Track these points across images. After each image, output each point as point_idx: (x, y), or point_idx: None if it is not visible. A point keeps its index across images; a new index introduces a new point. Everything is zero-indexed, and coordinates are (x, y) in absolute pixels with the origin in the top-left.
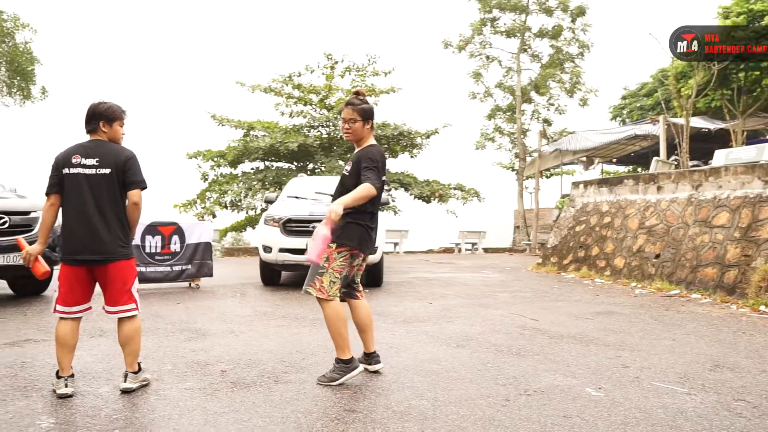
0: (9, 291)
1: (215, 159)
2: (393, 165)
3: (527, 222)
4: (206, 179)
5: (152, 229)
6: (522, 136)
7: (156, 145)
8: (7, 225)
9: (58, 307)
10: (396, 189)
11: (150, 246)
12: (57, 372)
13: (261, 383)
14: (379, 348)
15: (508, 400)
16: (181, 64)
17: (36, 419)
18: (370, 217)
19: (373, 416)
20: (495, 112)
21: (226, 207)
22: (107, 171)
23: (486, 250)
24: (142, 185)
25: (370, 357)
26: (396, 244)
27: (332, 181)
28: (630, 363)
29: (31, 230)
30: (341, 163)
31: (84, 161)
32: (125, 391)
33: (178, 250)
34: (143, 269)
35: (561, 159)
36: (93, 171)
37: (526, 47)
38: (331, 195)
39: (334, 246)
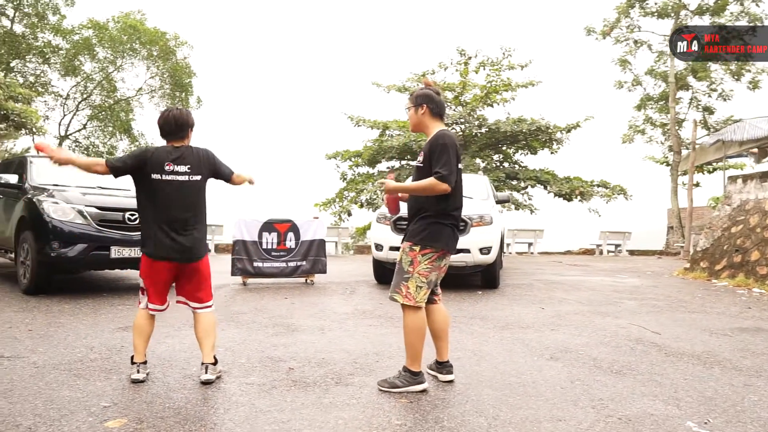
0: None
1: (353, 159)
2: (530, 162)
3: (682, 222)
4: (345, 179)
5: (268, 226)
6: (676, 127)
7: (298, 147)
8: (138, 220)
9: (150, 305)
10: (533, 187)
11: (266, 242)
12: (131, 357)
13: (321, 384)
14: (461, 354)
15: (581, 426)
16: (320, 69)
17: (102, 400)
18: (453, 217)
19: (416, 431)
20: (645, 102)
21: (362, 206)
22: (198, 177)
23: (632, 252)
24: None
25: (442, 366)
26: (530, 245)
27: None
28: (762, 395)
29: None
30: (478, 161)
31: (176, 168)
32: (206, 383)
33: (293, 246)
34: (260, 264)
35: (724, 151)
36: (186, 178)
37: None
38: None
39: (417, 249)
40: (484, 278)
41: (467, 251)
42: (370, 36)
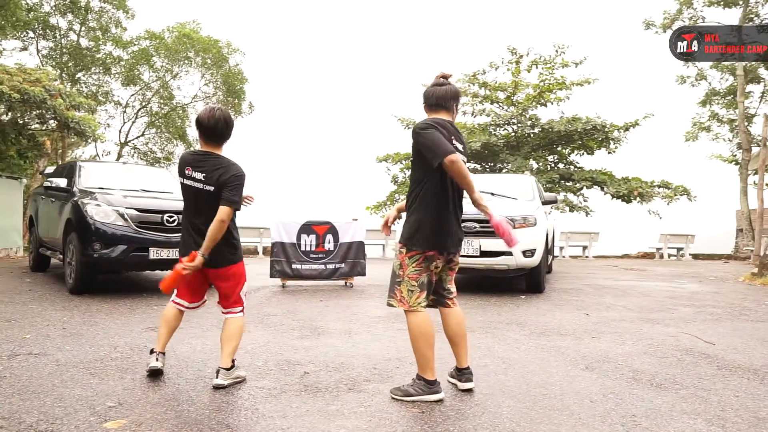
0: None
1: (403, 161)
2: (586, 162)
3: (752, 224)
4: (395, 181)
5: (307, 228)
6: (746, 123)
7: (349, 151)
8: (176, 223)
9: (176, 299)
10: (588, 188)
11: (305, 244)
12: (151, 349)
13: (333, 389)
14: (488, 361)
15: None
16: (370, 71)
17: (109, 399)
18: (445, 212)
19: None
20: (710, 97)
21: None
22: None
23: (696, 256)
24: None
25: (461, 373)
26: (584, 248)
27: (488, 179)
28: None
29: None
30: (531, 163)
31: (194, 174)
32: (216, 387)
33: (331, 248)
34: (298, 267)
35: None
36: (201, 186)
37: (752, 16)
38: (491, 193)
39: (404, 251)
40: (528, 282)
41: (509, 254)
42: (421, 37)
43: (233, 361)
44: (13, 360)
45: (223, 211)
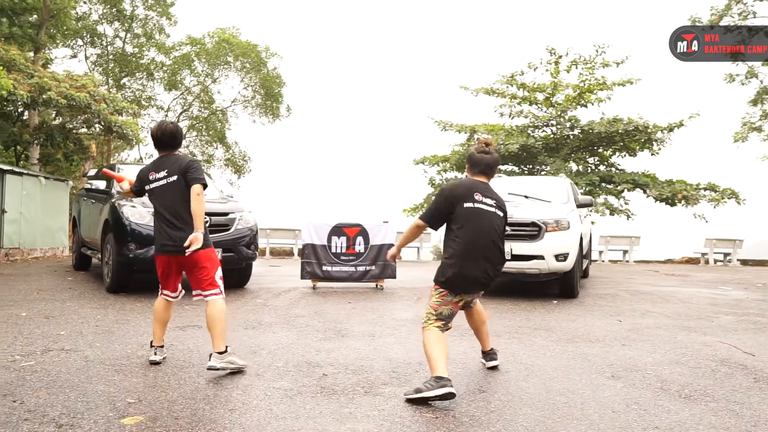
0: None
1: (440, 164)
2: (628, 164)
3: None
4: (432, 184)
5: (338, 230)
6: None
7: (386, 153)
8: (208, 224)
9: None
10: (630, 190)
11: (335, 246)
12: (151, 342)
13: (349, 392)
14: (511, 368)
15: None
16: (407, 74)
17: (129, 396)
18: (454, 258)
19: None
20: (762, 96)
21: None
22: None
23: (744, 262)
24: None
25: (486, 354)
26: (625, 252)
27: (523, 182)
28: None
29: (228, 230)
30: (571, 165)
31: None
32: (210, 369)
33: (362, 251)
34: (329, 268)
35: None
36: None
37: None
38: (524, 196)
39: (433, 284)
40: (560, 287)
41: (541, 258)
42: (458, 39)
43: (227, 346)
44: (46, 355)
45: (195, 188)
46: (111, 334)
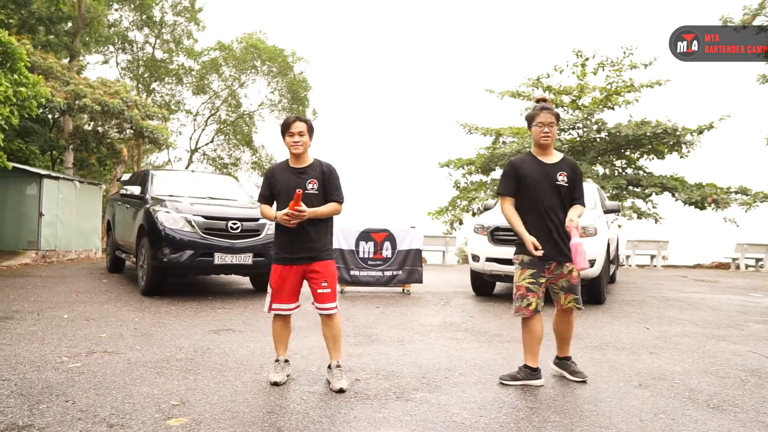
0: (249, 285)
1: (466, 167)
2: (656, 167)
3: None
4: (458, 187)
5: (365, 235)
6: None
7: (412, 155)
8: (240, 230)
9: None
10: (658, 194)
11: (363, 251)
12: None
13: (381, 397)
14: None
15: None
16: (432, 77)
17: (173, 398)
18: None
19: None
20: None
21: (474, 214)
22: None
23: None
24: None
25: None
26: (653, 257)
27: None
28: None
29: (259, 235)
30: (598, 168)
31: None
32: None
33: (389, 255)
34: (356, 273)
35: None
36: None
37: None
38: None
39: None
40: (587, 293)
41: None
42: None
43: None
44: (90, 357)
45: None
46: (149, 336)
